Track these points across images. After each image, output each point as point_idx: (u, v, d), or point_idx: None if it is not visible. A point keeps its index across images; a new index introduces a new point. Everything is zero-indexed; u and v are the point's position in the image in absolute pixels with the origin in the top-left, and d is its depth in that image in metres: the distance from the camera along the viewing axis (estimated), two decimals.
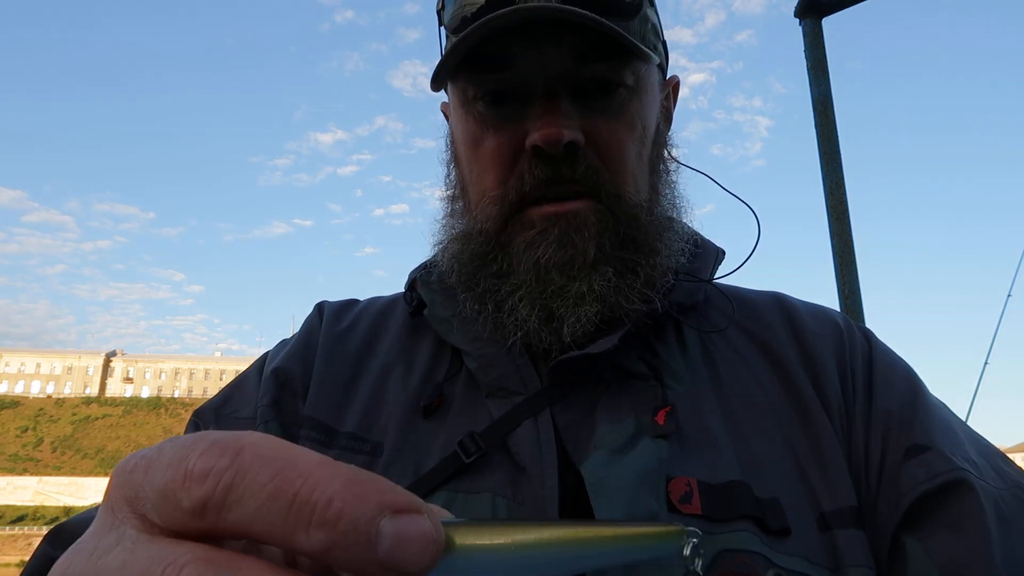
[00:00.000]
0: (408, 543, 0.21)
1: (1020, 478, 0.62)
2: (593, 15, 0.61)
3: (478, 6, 0.65)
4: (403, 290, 0.81)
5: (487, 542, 0.22)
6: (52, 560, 0.61)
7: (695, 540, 0.27)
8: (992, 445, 0.66)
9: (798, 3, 2.17)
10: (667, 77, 0.80)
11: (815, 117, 2.14)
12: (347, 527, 0.21)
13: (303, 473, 0.21)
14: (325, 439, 0.68)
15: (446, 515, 0.24)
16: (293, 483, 0.21)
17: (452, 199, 0.77)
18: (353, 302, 0.84)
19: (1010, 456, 0.66)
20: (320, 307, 0.83)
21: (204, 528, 0.22)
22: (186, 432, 0.73)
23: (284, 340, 0.81)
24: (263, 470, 0.21)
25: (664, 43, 0.78)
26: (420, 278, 0.77)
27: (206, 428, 0.71)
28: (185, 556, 0.21)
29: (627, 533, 0.25)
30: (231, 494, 0.21)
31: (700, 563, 0.26)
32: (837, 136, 2.12)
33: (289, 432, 0.69)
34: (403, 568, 0.21)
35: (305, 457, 0.22)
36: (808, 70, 2.16)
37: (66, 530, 0.63)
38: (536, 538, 0.23)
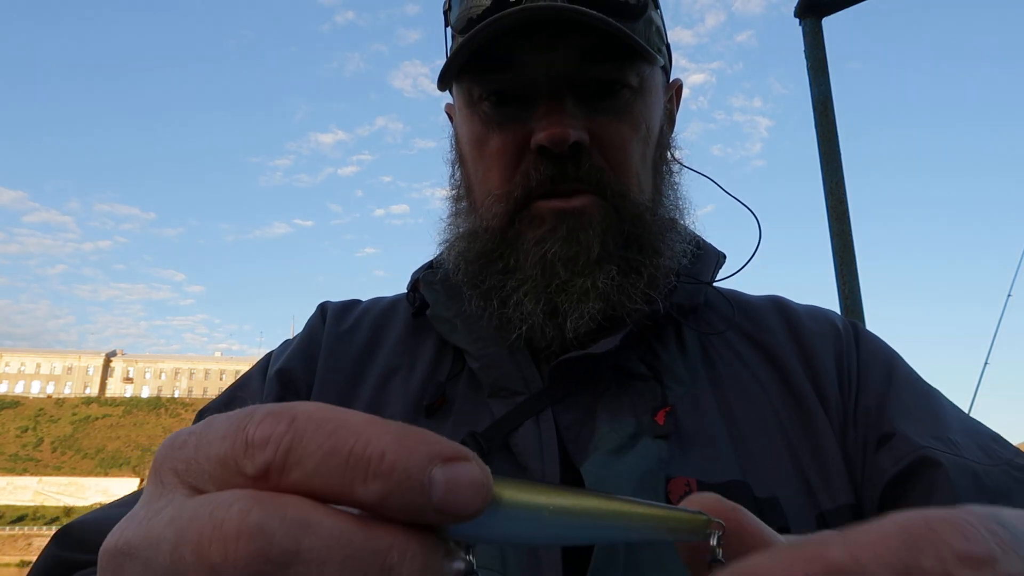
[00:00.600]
0: (459, 487, 0.22)
1: (1013, 456, 0.62)
2: (599, 15, 0.62)
3: (484, 7, 0.65)
4: (405, 290, 0.82)
5: (529, 499, 0.23)
6: (60, 561, 0.61)
7: (719, 533, 0.27)
8: (985, 427, 0.66)
9: (798, 3, 2.17)
10: (671, 80, 0.81)
11: (815, 117, 2.14)
12: (401, 476, 0.22)
13: (355, 431, 0.22)
14: None
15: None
16: (347, 440, 0.22)
17: (457, 199, 0.77)
18: (355, 302, 0.85)
19: None
20: (323, 307, 0.83)
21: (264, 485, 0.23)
22: None
23: (287, 341, 0.81)
24: (318, 432, 0.23)
25: (668, 46, 0.78)
26: (423, 278, 0.78)
27: None
28: (232, 496, 0.22)
29: (658, 514, 0.26)
30: (291, 456, 0.22)
31: (722, 553, 0.27)
32: (837, 136, 2.12)
33: None
34: (456, 512, 0.22)
35: (356, 417, 0.23)
36: (808, 70, 2.16)
37: (74, 530, 0.63)
38: (574, 504, 0.24)
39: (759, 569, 0.21)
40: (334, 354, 0.76)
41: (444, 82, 0.71)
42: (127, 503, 0.67)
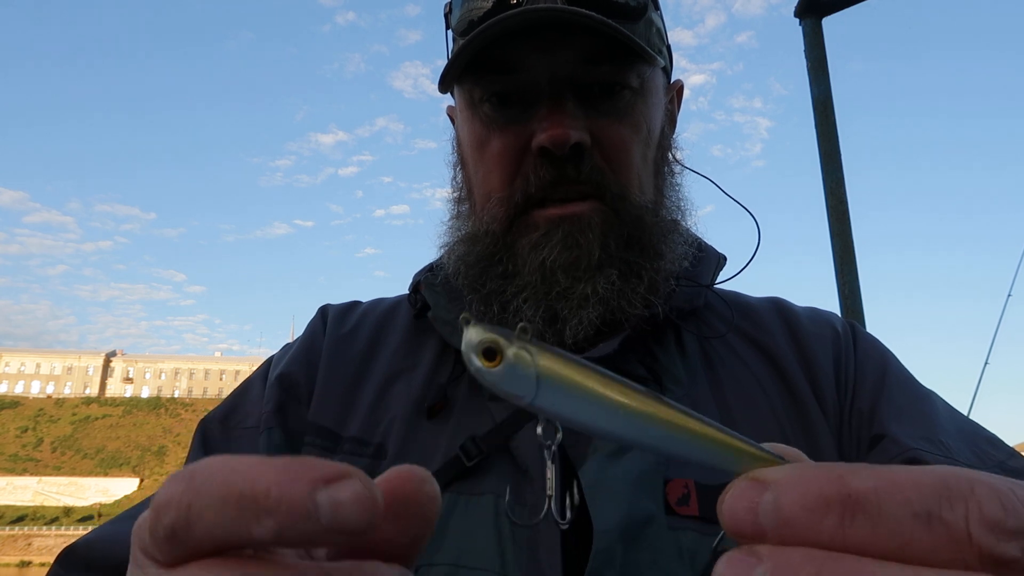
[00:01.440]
0: (344, 505, 0.22)
1: (1006, 459, 0.61)
2: (600, 17, 0.62)
3: (485, 9, 0.66)
4: (407, 292, 0.81)
5: (581, 379, 0.24)
6: None
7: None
8: (980, 429, 0.66)
9: (798, 3, 2.17)
10: (671, 81, 0.80)
11: (815, 117, 2.14)
12: (288, 507, 0.22)
13: (243, 474, 0.23)
14: (330, 444, 0.68)
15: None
16: (235, 485, 0.23)
17: (458, 201, 0.77)
18: (356, 304, 0.84)
19: None
20: (323, 310, 0.83)
21: (186, 553, 0.24)
22: (193, 441, 0.73)
23: (288, 344, 0.81)
24: (211, 483, 0.23)
25: (668, 47, 0.78)
26: (424, 280, 0.78)
27: (213, 438, 0.72)
28: (195, 571, 0.23)
29: (723, 439, 0.25)
30: (192, 512, 0.23)
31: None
32: (837, 136, 2.12)
33: (294, 439, 0.69)
34: (348, 529, 0.22)
35: (245, 461, 0.23)
36: (808, 70, 2.16)
37: (78, 550, 0.63)
38: (625, 400, 0.24)
39: (777, 475, 0.22)
40: (335, 357, 0.76)
41: (445, 84, 0.71)
42: (127, 518, 0.67)
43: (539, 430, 0.27)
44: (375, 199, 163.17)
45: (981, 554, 0.20)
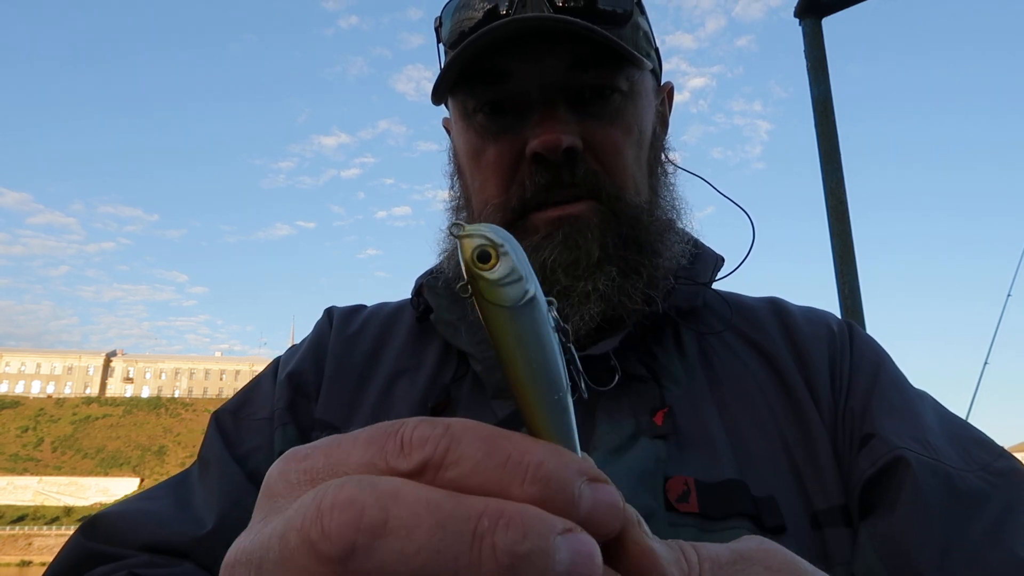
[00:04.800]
0: (603, 505, 0.24)
1: (993, 460, 0.62)
2: (586, 24, 0.63)
3: (475, 20, 0.67)
4: (410, 295, 0.83)
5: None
6: (87, 551, 0.62)
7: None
8: (971, 431, 0.66)
9: (798, 3, 2.17)
10: (661, 83, 0.81)
11: (815, 117, 2.14)
12: (556, 485, 0.24)
13: (511, 439, 0.25)
14: None
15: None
16: (505, 446, 0.24)
17: (456, 210, 0.78)
18: (360, 308, 0.86)
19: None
20: (329, 312, 0.85)
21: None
22: (207, 431, 0.75)
23: (294, 346, 0.83)
24: (475, 436, 0.25)
25: (656, 50, 0.79)
26: (427, 283, 0.79)
27: (225, 429, 0.74)
28: (335, 480, 0.24)
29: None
30: (449, 455, 0.24)
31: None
32: (837, 136, 2.12)
33: (305, 434, 0.71)
34: (598, 527, 0.24)
35: (510, 432, 0.25)
36: (808, 70, 2.16)
37: (100, 522, 0.64)
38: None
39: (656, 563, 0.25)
40: (341, 357, 0.77)
41: (438, 96, 0.72)
42: (150, 497, 0.69)
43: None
44: (377, 201, 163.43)
45: None
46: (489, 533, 0.22)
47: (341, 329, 0.81)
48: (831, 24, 2.18)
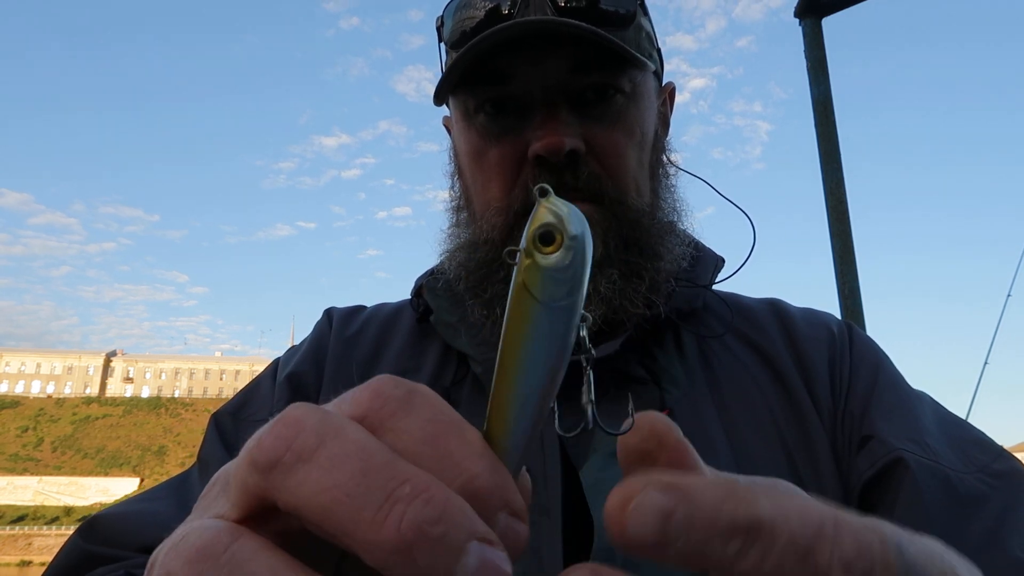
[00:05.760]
0: (510, 542, 0.24)
1: (991, 462, 0.62)
2: (590, 27, 0.63)
3: (477, 20, 0.67)
4: (409, 296, 0.82)
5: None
6: (85, 553, 0.61)
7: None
8: (971, 431, 0.66)
9: (798, 3, 2.17)
10: (663, 84, 0.81)
11: (815, 117, 2.14)
12: (480, 504, 0.23)
13: (461, 438, 0.24)
14: None
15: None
16: (450, 443, 0.24)
17: (457, 210, 0.78)
18: (360, 308, 0.86)
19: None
20: (329, 313, 0.84)
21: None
22: (207, 432, 0.75)
23: (293, 347, 0.82)
24: (425, 417, 0.25)
25: (659, 50, 0.79)
26: (426, 285, 0.78)
27: (224, 430, 0.74)
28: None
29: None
30: (391, 420, 0.24)
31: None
32: (837, 136, 2.12)
33: None
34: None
35: (466, 428, 0.25)
36: (808, 70, 2.16)
37: (99, 523, 0.63)
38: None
39: (695, 488, 0.23)
40: (341, 358, 0.77)
41: (440, 97, 0.72)
42: (150, 498, 0.68)
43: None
44: (377, 201, 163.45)
45: None
46: (405, 501, 0.21)
47: (341, 330, 0.80)
48: (831, 24, 2.19)
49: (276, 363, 0.80)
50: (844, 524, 0.23)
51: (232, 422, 0.74)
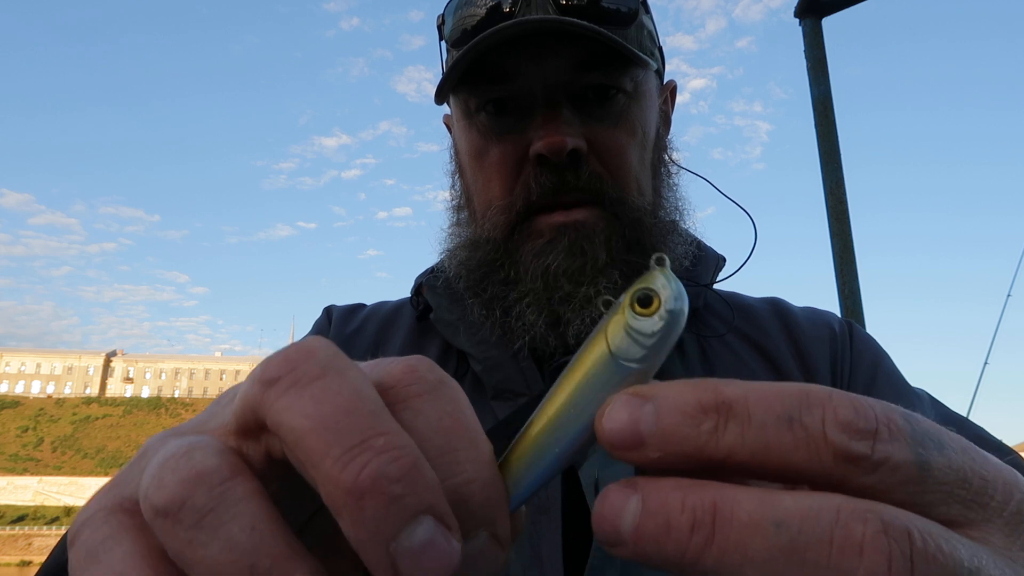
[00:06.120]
0: (482, 563, 0.24)
1: None
2: (593, 25, 0.63)
3: (478, 18, 0.67)
4: (409, 295, 0.82)
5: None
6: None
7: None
8: (969, 428, 0.67)
9: (798, 3, 2.17)
10: (664, 82, 0.81)
11: (815, 117, 2.14)
12: (464, 508, 0.23)
13: (470, 437, 0.24)
14: None
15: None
16: (460, 441, 0.24)
17: (457, 209, 0.78)
18: (360, 307, 0.85)
19: None
20: (328, 311, 0.84)
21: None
22: None
23: None
24: (444, 408, 0.24)
25: (660, 48, 0.79)
26: (426, 283, 0.78)
27: None
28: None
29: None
30: (414, 401, 0.24)
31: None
32: (837, 136, 2.12)
33: None
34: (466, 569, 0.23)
35: (479, 430, 0.25)
36: (808, 70, 2.16)
37: None
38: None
39: (657, 389, 0.23)
40: None
41: (441, 96, 0.72)
42: None
43: None
44: (378, 201, 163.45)
45: (835, 452, 0.21)
46: (373, 451, 0.21)
47: (340, 328, 0.80)
48: (831, 24, 2.19)
49: None
50: (839, 391, 0.22)
51: None
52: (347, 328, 0.80)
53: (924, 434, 0.22)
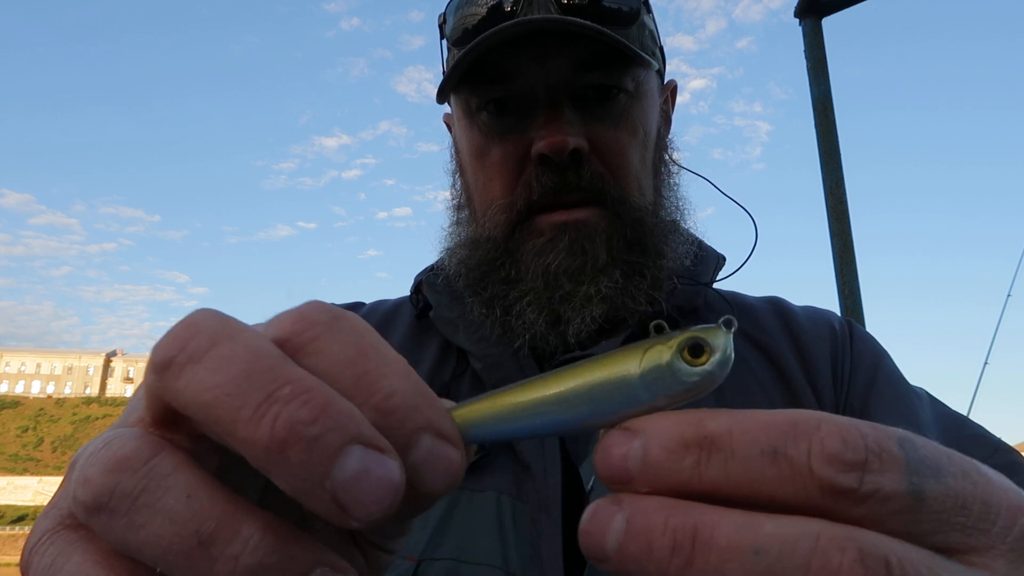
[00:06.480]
0: (438, 462, 0.24)
1: (987, 457, 0.62)
2: (594, 25, 0.63)
3: (480, 18, 0.67)
4: (408, 293, 0.82)
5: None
6: None
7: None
8: (970, 426, 0.66)
9: (798, 3, 2.17)
10: (665, 81, 0.81)
11: (815, 117, 2.14)
12: (396, 421, 0.23)
13: (380, 359, 0.24)
14: None
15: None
16: (369, 363, 0.24)
17: (458, 208, 0.78)
18: (359, 305, 0.85)
19: None
20: None
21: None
22: None
23: None
24: (349, 341, 0.24)
25: (661, 48, 0.79)
26: (426, 280, 0.78)
27: None
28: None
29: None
30: (312, 344, 0.24)
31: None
32: (837, 136, 2.12)
33: None
34: (424, 484, 0.24)
35: (387, 348, 0.25)
36: (808, 70, 2.16)
37: None
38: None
39: (646, 423, 0.23)
40: None
41: (443, 95, 0.72)
42: None
43: None
44: (378, 201, 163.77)
45: (821, 486, 0.21)
46: (283, 401, 0.21)
47: None
48: (831, 24, 2.19)
49: None
50: (830, 420, 0.22)
51: None
52: None
53: (920, 461, 0.21)
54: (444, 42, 0.75)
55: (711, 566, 0.20)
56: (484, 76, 0.68)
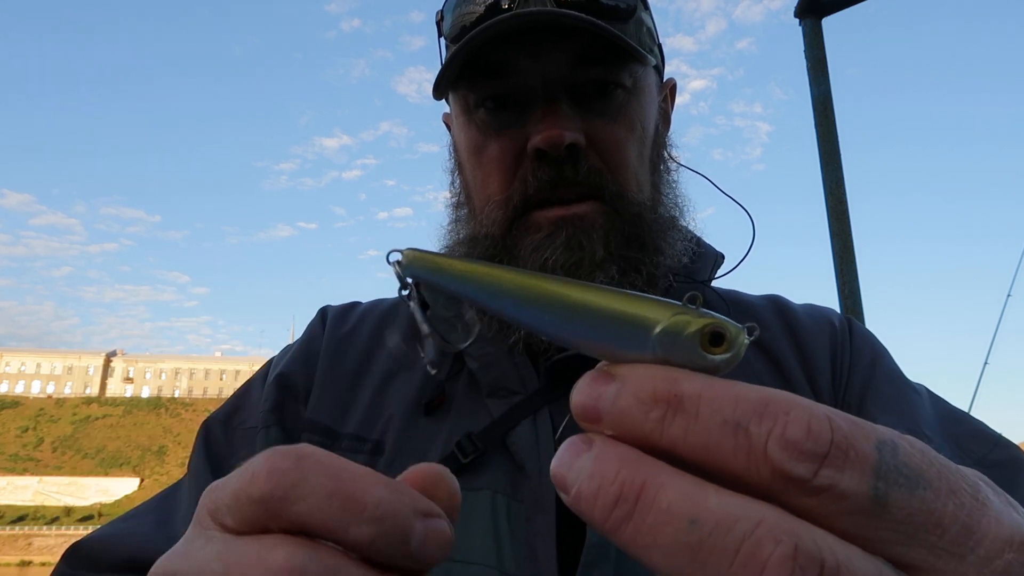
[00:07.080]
0: (434, 541, 0.27)
1: (987, 452, 0.62)
2: (591, 19, 0.63)
3: (477, 14, 0.67)
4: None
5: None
6: None
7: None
8: (970, 422, 0.66)
9: (798, 3, 2.17)
10: (664, 79, 0.81)
11: (815, 117, 2.14)
12: (391, 524, 0.26)
13: (355, 478, 0.27)
14: (327, 441, 0.69)
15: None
16: (348, 485, 0.26)
17: (457, 206, 0.78)
18: (355, 305, 0.85)
19: None
20: (323, 312, 0.84)
21: (265, 524, 0.27)
22: (196, 441, 0.74)
23: (288, 346, 0.81)
24: (322, 473, 0.26)
25: (660, 46, 0.79)
26: None
27: (215, 439, 0.73)
28: (277, 540, 0.26)
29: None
30: (295, 490, 0.26)
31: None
32: (837, 136, 2.12)
33: (291, 436, 0.71)
34: (426, 561, 0.27)
35: (354, 467, 0.27)
36: (808, 70, 2.16)
37: (84, 548, 0.64)
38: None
39: (626, 371, 0.23)
40: (335, 357, 0.76)
41: (440, 91, 0.72)
42: (134, 515, 0.69)
43: None
44: (378, 202, 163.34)
45: (772, 469, 0.20)
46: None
47: (335, 328, 0.80)
48: (831, 24, 2.19)
49: (269, 363, 0.80)
50: (804, 406, 0.21)
51: (223, 430, 0.74)
52: (341, 329, 0.80)
53: (896, 467, 0.21)
54: (442, 40, 0.75)
55: (646, 526, 0.20)
56: (481, 72, 0.68)
